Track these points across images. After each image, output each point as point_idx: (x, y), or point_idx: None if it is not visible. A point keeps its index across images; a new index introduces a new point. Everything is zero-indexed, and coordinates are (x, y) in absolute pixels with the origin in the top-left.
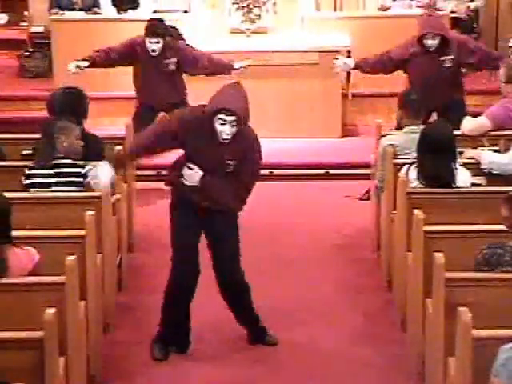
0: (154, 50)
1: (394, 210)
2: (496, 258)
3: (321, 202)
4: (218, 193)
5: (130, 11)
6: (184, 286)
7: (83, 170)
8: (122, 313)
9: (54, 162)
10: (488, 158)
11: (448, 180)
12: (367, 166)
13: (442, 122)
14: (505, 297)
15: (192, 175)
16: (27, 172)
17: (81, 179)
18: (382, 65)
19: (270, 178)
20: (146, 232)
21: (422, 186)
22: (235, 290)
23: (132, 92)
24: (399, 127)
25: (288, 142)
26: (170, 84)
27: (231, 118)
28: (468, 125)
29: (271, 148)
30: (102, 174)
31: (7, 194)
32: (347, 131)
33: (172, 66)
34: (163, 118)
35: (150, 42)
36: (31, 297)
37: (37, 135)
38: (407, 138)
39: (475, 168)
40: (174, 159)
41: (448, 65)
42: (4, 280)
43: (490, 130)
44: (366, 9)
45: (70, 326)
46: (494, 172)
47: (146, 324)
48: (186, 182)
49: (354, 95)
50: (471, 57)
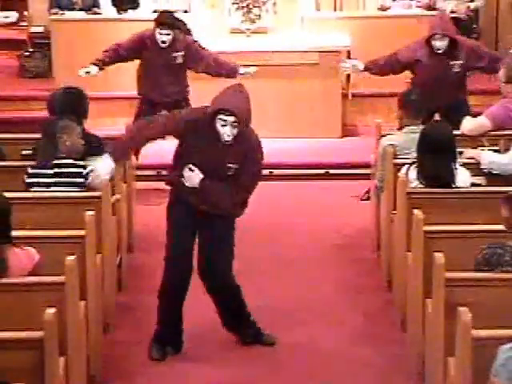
0: (163, 42)
1: (394, 210)
2: (496, 257)
3: (321, 202)
4: (217, 197)
5: (129, 11)
6: (177, 286)
7: (85, 171)
8: (122, 313)
9: (55, 161)
10: (488, 157)
11: (448, 180)
12: (367, 166)
13: (442, 122)
14: (505, 297)
15: (192, 177)
16: (29, 171)
17: (82, 180)
18: (391, 67)
19: (270, 178)
20: (146, 232)
21: (421, 186)
22: (227, 294)
23: (132, 92)
24: (401, 127)
25: (288, 141)
26: (174, 78)
27: (232, 118)
28: (468, 125)
29: (271, 148)
30: (103, 166)
31: (7, 194)
32: (347, 131)
33: (179, 60)
34: (169, 115)
35: (160, 34)
36: (31, 297)
37: (37, 135)
38: (407, 138)
39: (475, 168)
40: (174, 159)
41: (457, 69)
42: (4, 280)
43: (489, 130)
44: (366, 9)
45: (69, 326)
46: (494, 172)
47: (145, 324)
48: (186, 183)
49: (353, 95)
50: (480, 61)
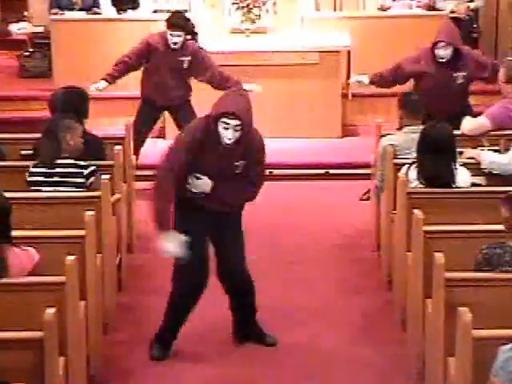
0: (175, 43)
1: (394, 210)
2: (496, 258)
3: (321, 202)
4: (230, 196)
5: (129, 11)
6: (193, 298)
7: (86, 171)
8: (122, 313)
9: (58, 161)
10: (488, 158)
11: (448, 180)
12: (367, 166)
13: (442, 122)
14: (505, 297)
15: (203, 184)
16: (31, 170)
17: (83, 180)
18: (395, 79)
19: (270, 178)
20: (146, 232)
21: (422, 186)
22: (245, 289)
23: (132, 92)
24: (401, 127)
25: (288, 141)
26: (178, 82)
27: (235, 121)
28: (468, 125)
29: (271, 148)
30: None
31: (7, 194)
32: (347, 131)
33: (185, 65)
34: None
35: (172, 35)
36: (31, 297)
37: (37, 135)
38: (407, 138)
39: (475, 168)
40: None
41: (460, 81)
42: (4, 280)
43: (489, 130)
44: (366, 9)
45: (69, 326)
46: (494, 172)
47: (145, 324)
48: (194, 190)
49: (353, 95)
50: (484, 72)
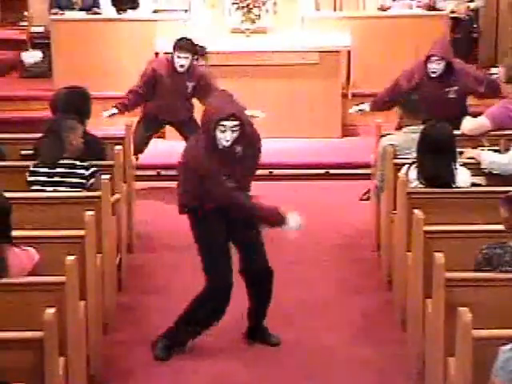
0: (182, 66)
1: (394, 209)
2: (496, 258)
3: (321, 201)
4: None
5: (129, 11)
6: (224, 298)
7: (87, 172)
8: (122, 313)
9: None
10: (488, 158)
11: (448, 180)
12: (367, 166)
13: (442, 122)
14: (505, 297)
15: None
16: (32, 169)
17: (84, 181)
18: (394, 97)
19: (270, 178)
20: (146, 232)
21: (422, 186)
22: (268, 280)
23: None
24: (399, 129)
25: (288, 141)
26: (182, 103)
27: (232, 123)
28: (468, 125)
29: (271, 148)
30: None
31: (7, 194)
32: (347, 131)
33: (190, 89)
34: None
35: (179, 57)
36: (31, 297)
37: (37, 135)
38: (407, 138)
39: (475, 168)
40: (184, 188)
41: (452, 96)
42: (4, 280)
43: (489, 130)
44: (366, 9)
45: (69, 326)
46: (494, 172)
47: (145, 324)
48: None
49: (354, 95)
50: (479, 87)
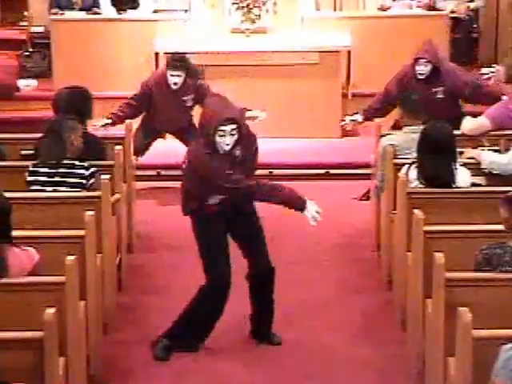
0: (175, 84)
1: (394, 209)
2: (496, 258)
3: (321, 202)
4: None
5: (129, 11)
6: (222, 297)
7: (87, 172)
8: (122, 313)
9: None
10: (488, 158)
11: (448, 180)
12: (367, 166)
13: (442, 122)
14: (505, 297)
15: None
16: (31, 168)
17: (84, 181)
18: (387, 104)
19: (270, 178)
20: (146, 232)
21: (422, 186)
22: (270, 279)
23: (133, 92)
24: (395, 127)
25: (288, 141)
26: (181, 115)
27: (230, 127)
28: (468, 125)
29: (271, 148)
30: None
31: (7, 194)
32: (347, 131)
33: (189, 103)
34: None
35: (172, 75)
36: (31, 297)
37: (37, 135)
38: (407, 138)
39: (475, 168)
40: (187, 190)
41: (440, 96)
42: (4, 280)
43: (489, 130)
44: (366, 9)
45: (69, 326)
46: (494, 172)
47: (145, 324)
48: (210, 202)
49: (353, 95)
50: (464, 89)
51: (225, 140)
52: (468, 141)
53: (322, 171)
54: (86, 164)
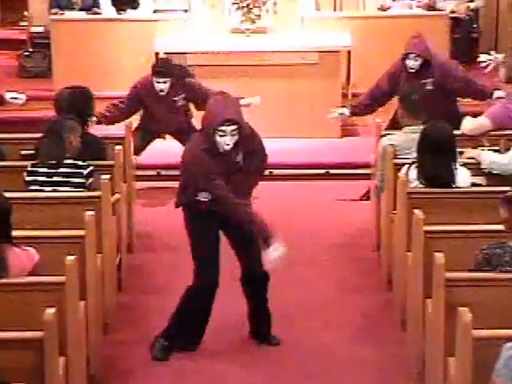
0: (162, 90)
1: (394, 209)
2: (496, 258)
3: (321, 201)
4: (236, 192)
5: (129, 11)
6: (210, 294)
7: (85, 171)
8: (121, 313)
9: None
10: (488, 158)
11: (448, 180)
12: (367, 166)
13: (442, 122)
14: (505, 297)
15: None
16: (30, 168)
17: (83, 180)
18: (376, 100)
19: (270, 178)
20: (146, 232)
21: (422, 186)
22: (262, 282)
23: None
24: (391, 126)
25: (288, 141)
26: (176, 114)
27: (231, 127)
28: (468, 125)
29: (271, 148)
30: None
31: (7, 194)
32: (347, 131)
33: (180, 102)
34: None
35: (158, 82)
36: (31, 297)
37: (37, 135)
38: (407, 138)
39: (475, 168)
40: (182, 183)
41: (430, 87)
42: (4, 280)
43: (490, 130)
44: (366, 9)
45: (69, 326)
46: (494, 172)
47: (145, 324)
48: (201, 198)
49: (354, 95)
50: (454, 82)
51: (225, 140)
52: (468, 141)
53: (322, 171)
54: (83, 164)
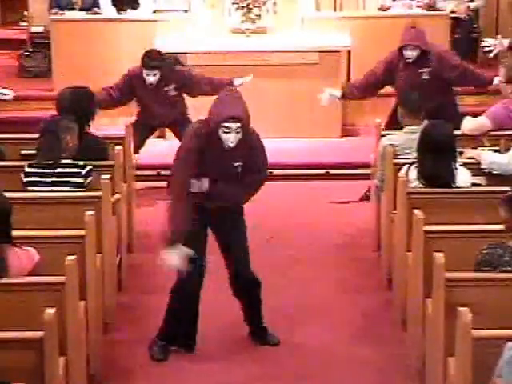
0: (151, 83)
1: (394, 209)
2: (496, 258)
3: (321, 201)
4: (233, 193)
5: (129, 11)
6: (191, 292)
7: (84, 171)
8: (121, 313)
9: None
10: (488, 158)
11: (448, 180)
12: (367, 166)
13: (442, 122)
14: (505, 297)
15: (200, 184)
16: (27, 170)
17: (81, 180)
18: (369, 86)
19: (270, 178)
20: (146, 232)
21: (422, 185)
22: (251, 286)
23: None
24: (389, 124)
25: (288, 141)
26: (170, 106)
27: (236, 125)
28: (468, 124)
29: (271, 148)
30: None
31: (7, 194)
32: (347, 131)
33: (172, 92)
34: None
35: (148, 75)
36: (31, 297)
37: (37, 135)
38: (407, 138)
39: (475, 168)
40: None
41: (426, 77)
42: (4, 280)
43: (490, 130)
44: (366, 9)
45: (69, 326)
46: (494, 172)
47: (145, 324)
48: (193, 190)
49: None
50: (451, 71)
51: (229, 137)
52: (468, 141)
53: (322, 171)
54: (81, 163)
